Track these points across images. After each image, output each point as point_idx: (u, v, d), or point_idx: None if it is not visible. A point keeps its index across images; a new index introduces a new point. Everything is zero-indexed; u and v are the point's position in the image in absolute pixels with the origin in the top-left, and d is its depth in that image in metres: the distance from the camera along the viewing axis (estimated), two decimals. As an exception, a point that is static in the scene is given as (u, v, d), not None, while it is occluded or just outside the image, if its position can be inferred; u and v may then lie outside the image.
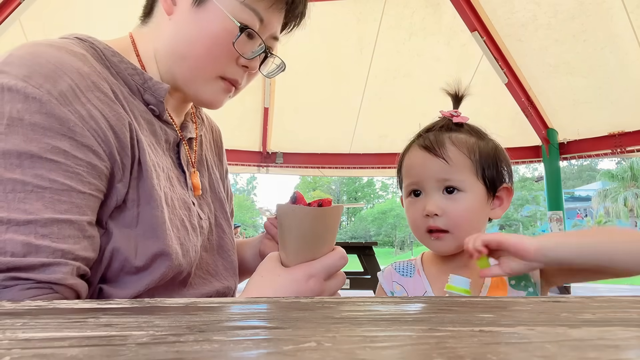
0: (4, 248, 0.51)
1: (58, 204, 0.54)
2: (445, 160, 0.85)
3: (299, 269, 0.60)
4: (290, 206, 0.59)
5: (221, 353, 0.23)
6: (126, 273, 0.62)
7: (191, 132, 0.81)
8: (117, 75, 0.68)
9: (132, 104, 0.68)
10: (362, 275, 4.14)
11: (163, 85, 0.71)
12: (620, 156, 6.61)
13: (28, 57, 0.58)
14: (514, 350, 0.23)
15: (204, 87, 0.73)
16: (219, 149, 0.96)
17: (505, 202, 0.89)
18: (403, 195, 0.93)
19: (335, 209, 0.59)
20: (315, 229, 0.60)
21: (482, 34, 5.38)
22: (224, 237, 0.84)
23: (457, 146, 0.86)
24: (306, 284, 0.59)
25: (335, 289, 0.63)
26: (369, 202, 52.95)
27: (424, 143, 0.88)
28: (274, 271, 0.61)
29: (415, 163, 0.89)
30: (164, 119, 0.74)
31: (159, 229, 0.64)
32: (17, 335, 0.26)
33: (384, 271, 0.96)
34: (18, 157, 0.53)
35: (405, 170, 0.92)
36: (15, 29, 4.63)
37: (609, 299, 0.45)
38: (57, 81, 0.57)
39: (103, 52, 0.67)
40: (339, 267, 0.62)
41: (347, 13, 5.71)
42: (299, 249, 0.61)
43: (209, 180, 0.85)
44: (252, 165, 7.46)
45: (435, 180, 0.85)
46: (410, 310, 0.40)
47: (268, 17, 0.72)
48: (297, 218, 0.59)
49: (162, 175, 0.69)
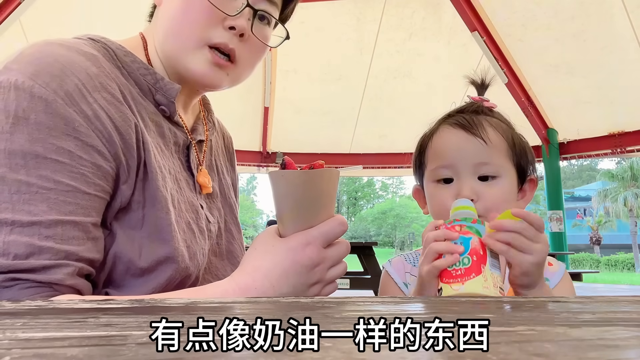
0: (8, 249, 0.51)
1: (63, 205, 0.54)
2: (484, 141, 0.79)
3: (294, 237, 0.58)
4: (280, 171, 0.57)
5: (221, 353, 0.23)
6: (132, 275, 0.61)
7: (201, 134, 0.80)
8: (129, 75, 0.67)
9: (141, 105, 0.67)
10: (362, 275, 4.13)
11: (174, 85, 0.70)
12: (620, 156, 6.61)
13: (37, 56, 0.58)
14: (514, 350, 0.23)
15: (191, 57, 0.69)
16: (230, 155, 0.94)
17: (529, 195, 0.85)
18: (426, 181, 0.86)
19: (326, 171, 0.57)
20: (309, 194, 0.57)
21: (482, 34, 5.38)
22: (233, 243, 0.82)
23: (495, 128, 0.81)
24: (303, 251, 0.57)
25: (337, 257, 0.61)
26: (369, 202, 52.93)
27: (460, 122, 0.82)
28: (269, 242, 0.60)
29: (448, 144, 0.82)
30: (174, 120, 0.73)
31: (165, 231, 0.63)
32: (17, 335, 0.26)
33: (391, 262, 0.91)
34: (23, 158, 0.53)
35: (433, 152, 0.84)
36: (15, 29, 4.63)
37: (609, 299, 0.45)
38: (64, 80, 0.56)
39: (115, 52, 0.67)
40: (338, 234, 0.60)
41: (347, 13, 5.71)
42: (294, 216, 0.58)
43: (220, 185, 0.84)
44: (252, 165, 7.46)
45: (472, 164, 0.78)
46: (411, 310, 0.40)
47: None
48: (288, 183, 0.57)
49: (169, 177, 0.68)
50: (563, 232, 6.75)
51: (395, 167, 7.08)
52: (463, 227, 0.66)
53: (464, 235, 0.65)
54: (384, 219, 44.62)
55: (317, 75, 6.42)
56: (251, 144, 7.34)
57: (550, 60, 5.62)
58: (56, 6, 4.86)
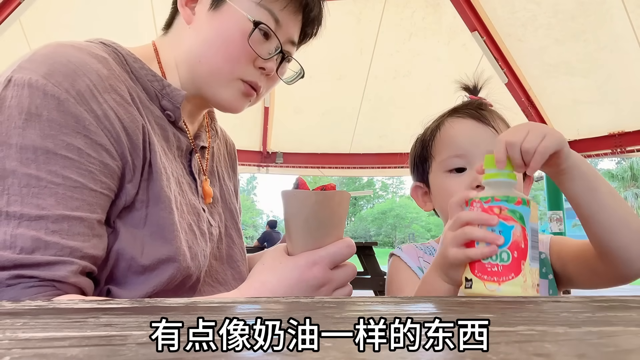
0: (15, 243, 0.52)
1: (70, 201, 0.55)
2: (494, 129, 0.80)
3: (302, 256, 0.60)
4: (292, 191, 0.59)
5: (221, 353, 0.23)
6: (133, 273, 0.62)
7: (204, 141, 0.82)
8: (137, 80, 0.69)
9: (148, 109, 0.69)
10: (362, 275, 4.13)
11: (180, 91, 0.72)
12: (620, 156, 6.61)
13: (51, 56, 0.59)
14: (514, 350, 0.23)
15: (223, 89, 0.74)
16: (232, 162, 0.96)
17: (526, 191, 0.85)
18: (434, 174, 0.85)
19: (338, 194, 0.58)
20: (319, 215, 0.59)
21: (482, 34, 5.38)
22: (233, 248, 0.84)
23: (502, 120, 0.83)
24: (310, 270, 0.58)
25: (343, 279, 0.62)
26: (368, 202, 52.93)
27: (469, 113, 0.83)
28: (277, 259, 0.61)
29: (461, 133, 0.82)
30: (178, 125, 0.74)
31: (167, 230, 0.64)
32: (17, 335, 0.26)
33: (402, 248, 0.90)
34: (34, 152, 0.54)
35: (444, 143, 0.84)
36: (15, 29, 4.63)
37: (609, 299, 0.45)
38: (75, 80, 0.58)
39: (125, 57, 0.69)
40: (346, 256, 0.61)
41: (347, 13, 5.71)
42: (303, 236, 0.60)
43: (220, 190, 0.85)
44: (252, 165, 7.45)
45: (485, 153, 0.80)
46: (411, 310, 0.40)
47: (283, 18, 0.73)
48: (299, 203, 0.58)
49: (172, 179, 0.70)
50: (563, 232, 6.75)
51: (395, 167, 7.07)
52: (504, 210, 0.56)
53: (504, 221, 0.55)
54: (384, 219, 44.62)
55: (317, 75, 6.42)
56: (251, 143, 7.34)
57: (550, 60, 5.62)
58: (56, 6, 4.86)
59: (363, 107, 6.88)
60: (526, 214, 0.56)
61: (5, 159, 0.54)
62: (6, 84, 0.57)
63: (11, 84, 0.57)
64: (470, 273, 0.57)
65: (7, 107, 0.55)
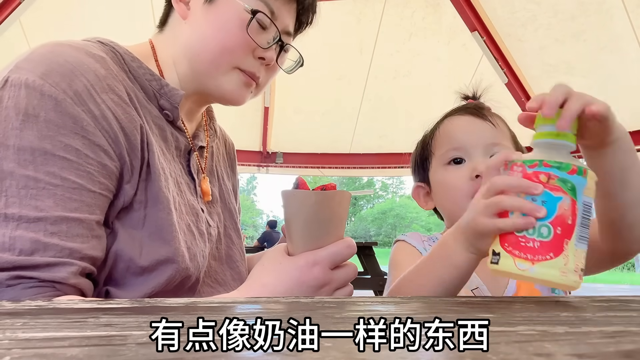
0: (14, 245, 0.51)
1: (69, 202, 0.55)
2: (492, 124, 0.82)
3: (302, 256, 0.59)
4: (292, 191, 0.59)
5: (221, 353, 0.23)
6: (132, 274, 0.62)
7: (202, 140, 0.82)
8: (135, 79, 0.69)
9: (146, 108, 0.69)
10: (362, 275, 4.13)
11: (179, 91, 0.72)
12: (620, 156, 6.58)
13: (48, 56, 0.59)
14: (514, 350, 0.23)
15: (223, 79, 0.73)
16: (231, 161, 0.96)
17: None
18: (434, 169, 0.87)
19: (338, 193, 0.58)
20: (319, 215, 0.59)
21: (482, 34, 5.38)
22: (232, 248, 0.83)
23: (500, 119, 0.85)
24: (310, 271, 0.58)
25: (344, 279, 0.61)
26: (368, 202, 52.93)
27: (468, 110, 0.85)
28: (277, 259, 0.61)
29: (459, 127, 0.85)
30: (177, 125, 0.74)
31: (166, 230, 0.64)
32: (17, 335, 0.26)
33: (406, 234, 0.90)
34: (32, 154, 0.54)
35: (442, 138, 0.86)
36: (15, 29, 4.63)
37: (609, 299, 0.45)
38: (73, 81, 0.58)
39: (123, 56, 0.68)
40: (346, 256, 0.61)
41: (347, 13, 5.71)
42: (303, 236, 0.60)
43: (219, 190, 0.85)
44: (252, 165, 7.45)
45: (483, 144, 0.80)
46: (411, 310, 0.40)
47: (278, 8, 0.73)
48: (299, 203, 0.58)
49: (171, 180, 0.69)
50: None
51: (395, 167, 7.07)
52: (553, 178, 0.45)
53: (550, 192, 0.45)
54: (384, 219, 44.61)
55: (317, 75, 6.42)
56: (251, 143, 7.33)
57: (550, 60, 5.62)
58: (56, 6, 4.86)
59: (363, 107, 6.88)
60: (580, 185, 0.46)
61: (3, 161, 0.53)
62: (3, 84, 0.57)
63: (8, 84, 0.56)
64: (499, 246, 0.47)
65: (4, 108, 0.55)
